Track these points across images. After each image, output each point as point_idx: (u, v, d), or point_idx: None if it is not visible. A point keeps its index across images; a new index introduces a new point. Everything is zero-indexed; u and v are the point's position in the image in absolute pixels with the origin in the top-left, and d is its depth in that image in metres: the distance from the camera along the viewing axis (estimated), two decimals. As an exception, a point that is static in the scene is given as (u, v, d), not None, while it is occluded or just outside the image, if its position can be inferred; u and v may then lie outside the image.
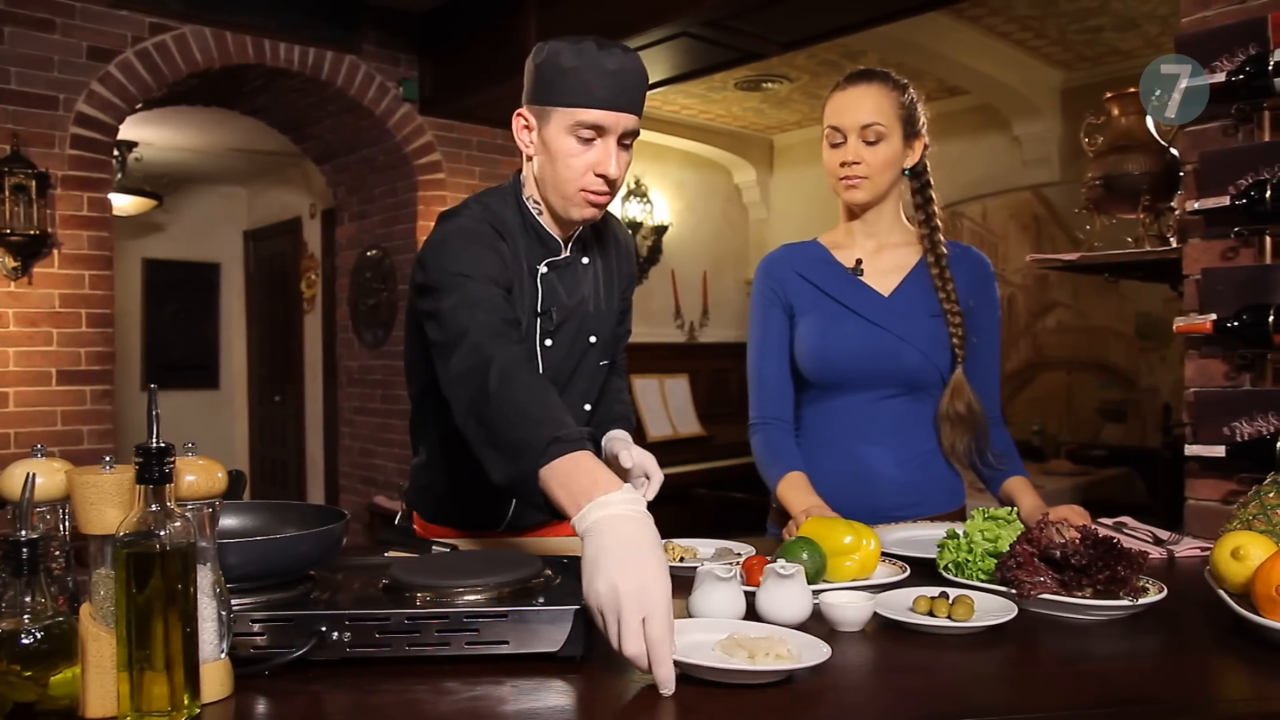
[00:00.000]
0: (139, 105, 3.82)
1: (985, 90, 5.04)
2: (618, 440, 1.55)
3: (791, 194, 6.41)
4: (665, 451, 5.10)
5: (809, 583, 1.22)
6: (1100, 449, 4.97)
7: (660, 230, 6.07)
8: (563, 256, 1.52)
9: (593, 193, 1.42)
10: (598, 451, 1.17)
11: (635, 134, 1.42)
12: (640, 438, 5.18)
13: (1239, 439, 1.84)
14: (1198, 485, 1.95)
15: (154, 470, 0.85)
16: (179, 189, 6.83)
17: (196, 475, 0.93)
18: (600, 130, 1.38)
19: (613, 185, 1.42)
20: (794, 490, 1.65)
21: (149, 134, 5.56)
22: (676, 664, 0.91)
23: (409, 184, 4.55)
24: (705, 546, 1.49)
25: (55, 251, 3.56)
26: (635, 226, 5.94)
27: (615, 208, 5.86)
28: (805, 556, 1.24)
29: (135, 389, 6.80)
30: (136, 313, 6.82)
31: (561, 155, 1.39)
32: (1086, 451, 4.93)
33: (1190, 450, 1.90)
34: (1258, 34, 1.81)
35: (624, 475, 1.42)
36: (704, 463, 5.16)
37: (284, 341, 6.72)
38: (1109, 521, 1.71)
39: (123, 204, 5.67)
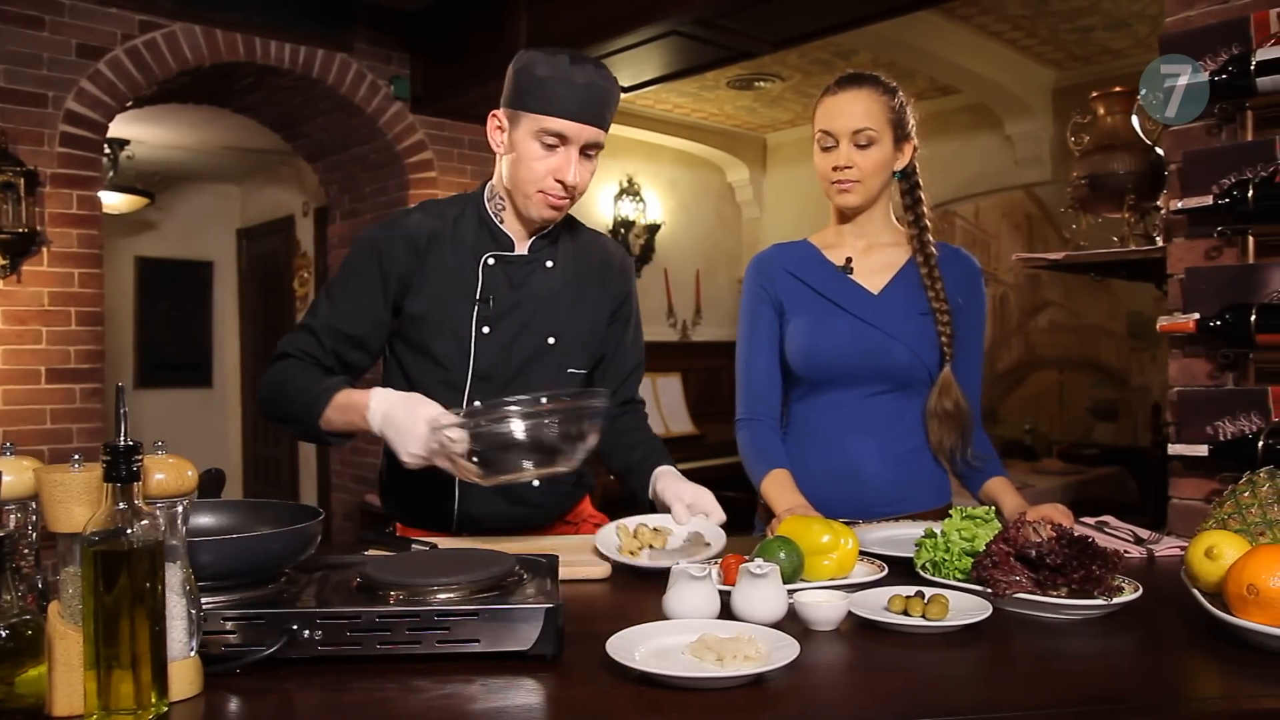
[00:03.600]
0: (129, 103, 3.81)
1: (977, 89, 5.04)
2: (667, 479, 1.57)
3: (784, 193, 6.41)
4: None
5: (786, 581, 1.23)
6: (1092, 448, 4.97)
7: (653, 229, 6.07)
8: (515, 253, 1.60)
9: (551, 195, 1.51)
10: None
11: (599, 146, 1.52)
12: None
13: (1222, 438, 1.85)
14: (1181, 484, 1.95)
15: (121, 469, 0.85)
16: (172, 187, 6.81)
17: (166, 473, 0.93)
18: (564, 139, 1.48)
19: (571, 191, 1.51)
20: (777, 487, 1.66)
21: (141, 132, 5.55)
22: (644, 673, 0.92)
23: (400, 182, 4.54)
24: (678, 530, 1.50)
25: (44, 250, 3.55)
26: (628, 225, 5.93)
27: (607, 206, 5.89)
28: (782, 555, 1.24)
29: (128, 388, 6.79)
30: (129, 311, 6.80)
31: (526, 158, 1.49)
32: (1078, 451, 4.94)
33: (1173, 450, 1.90)
34: (1240, 34, 1.81)
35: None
36: (696, 461, 5.14)
37: (277, 340, 6.67)
38: (1091, 521, 1.71)
39: (114, 202, 5.65)
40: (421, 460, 1.33)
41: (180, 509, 0.93)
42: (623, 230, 5.91)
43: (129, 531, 0.85)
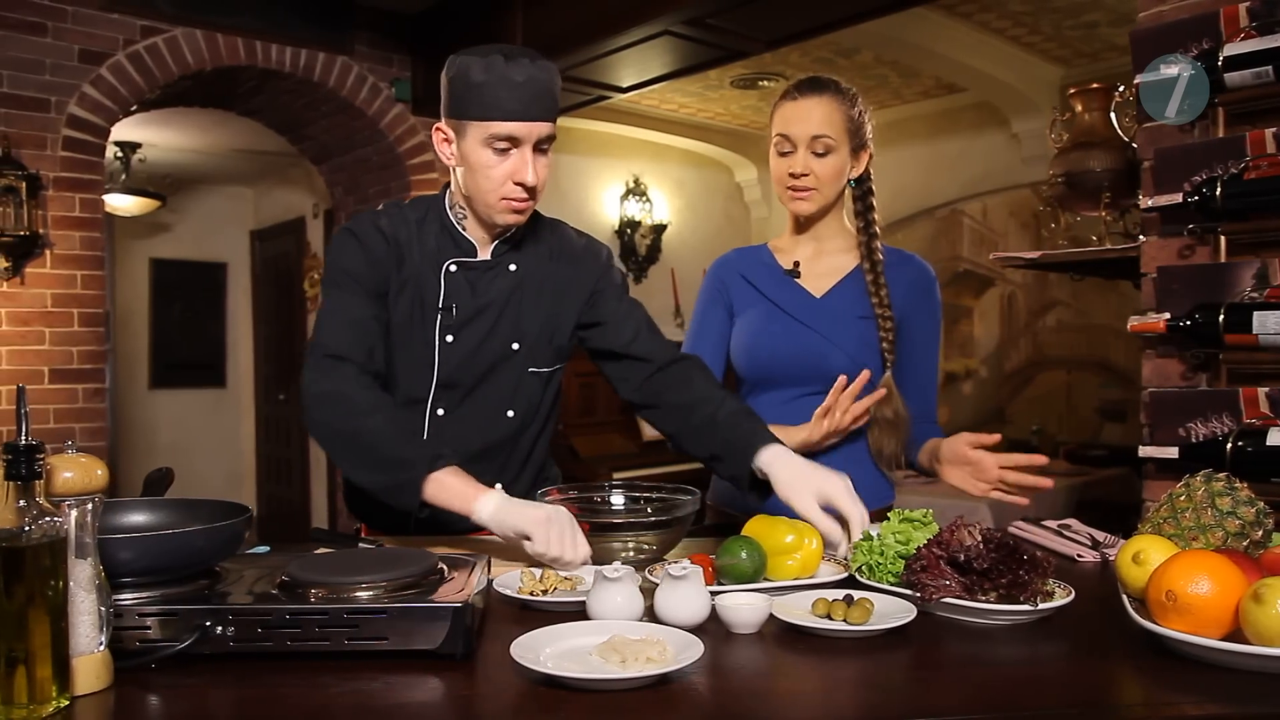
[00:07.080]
0: (132, 108, 3.87)
1: (983, 87, 4.99)
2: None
3: (793, 192, 6.38)
4: (661, 450, 5.09)
5: (748, 581, 1.22)
6: (1100, 449, 4.89)
7: (660, 229, 6.06)
8: (477, 259, 1.56)
9: (514, 200, 1.47)
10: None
11: (551, 139, 1.47)
12: (637, 437, 5.17)
13: (1194, 440, 1.82)
14: (1154, 487, 1.93)
15: (21, 467, 0.87)
16: (186, 189, 6.91)
17: (74, 472, 0.94)
18: (514, 140, 1.43)
19: (532, 192, 1.47)
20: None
21: (153, 135, 5.63)
22: (546, 674, 0.92)
23: (403, 184, 4.58)
24: (588, 573, 1.31)
25: (47, 252, 3.61)
26: (634, 225, 5.93)
27: (613, 206, 5.89)
28: (743, 554, 1.23)
29: (143, 388, 6.89)
30: (144, 312, 6.90)
31: (480, 167, 1.45)
32: (1085, 451, 4.86)
33: (1144, 451, 1.88)
34: (1210, 29, 1.78)
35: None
36: (697, 462, 5.13)
37: (289, 340, 6.78)
38: (1053, 524, 1.69)
39: (126, 204, 5.74)
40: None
41: (90, 506, 0.95)
42: (629, 230, 5.91)
43: (28, 529, 0.86)
